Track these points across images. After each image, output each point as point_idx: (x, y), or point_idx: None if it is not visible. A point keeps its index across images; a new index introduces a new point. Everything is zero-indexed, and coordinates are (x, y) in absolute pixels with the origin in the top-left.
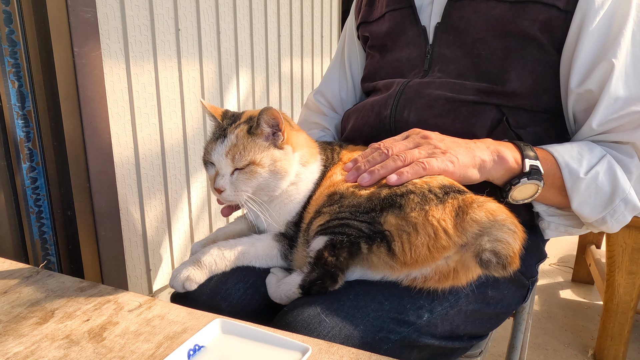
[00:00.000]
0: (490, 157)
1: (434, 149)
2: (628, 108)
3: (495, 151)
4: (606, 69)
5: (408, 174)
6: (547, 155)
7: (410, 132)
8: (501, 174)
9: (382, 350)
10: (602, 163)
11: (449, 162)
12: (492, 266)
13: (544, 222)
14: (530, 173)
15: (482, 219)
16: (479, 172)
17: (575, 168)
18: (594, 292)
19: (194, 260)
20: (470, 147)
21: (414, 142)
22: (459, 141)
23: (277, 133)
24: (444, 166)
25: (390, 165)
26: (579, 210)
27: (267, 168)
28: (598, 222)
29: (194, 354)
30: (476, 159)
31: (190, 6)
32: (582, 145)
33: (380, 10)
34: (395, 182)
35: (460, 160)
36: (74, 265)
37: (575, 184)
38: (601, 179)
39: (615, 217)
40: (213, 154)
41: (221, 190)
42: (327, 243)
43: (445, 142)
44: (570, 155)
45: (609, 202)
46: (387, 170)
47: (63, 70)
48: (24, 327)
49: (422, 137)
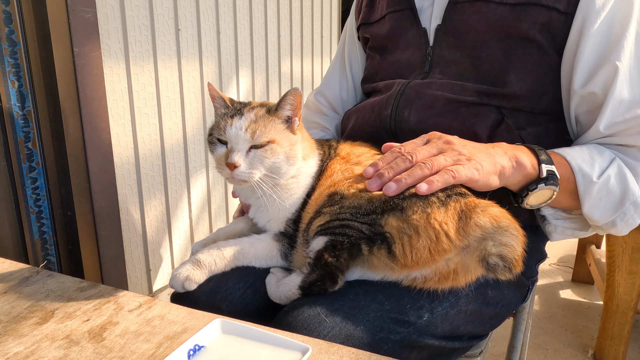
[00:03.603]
0: (509, 164)
1: (459, 155)
2: (633, 111)
3: (514, 157)
4: (610, 71)
5: (438, 182)
6: (561, 159)
7: (431, 136)
8: (519, 180)
9: (383, 350)
10: (613, 166)
11: (475, 170)
12: (498, 270)
13: (550, 225)
14: (548, 178)
15: (486, 225)
16: (499, 179)
17: (588, 172)
18: (594, 292)
19: (193, 261)
20: (491, 153)
21: (438, 147)
22: (479, 147)
23: (291, 119)
24: (470, 174)
25: (418, 173)
26: (590, 214)
27: (284, 149)
28: (607, 226)
29: (194, 354)
30: (497, 165)
31: (190, 6)
32: (592, 148)
33: (381, 11)
34: (425, 191)
35: (484, 167)
36: (74, 265)
37: (588, 188)
38: (612, 182)
39: (625, 220)
40: (229, 128)
41: (235, 166)
42: (327, 244)
43: (467, 147)
44: (582, 159)
45: (620, 205)
46: (415, 179)
47: (63, 70)
48: (24, 327)
49: (445, 143)
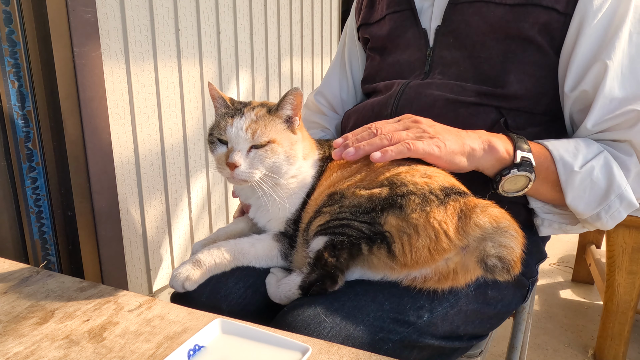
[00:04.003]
0: (480, 146)
1: (423, 132)
2: (624, 107)
3: (487, 141)
4: (599, 69)
5: (392, 152)
6: (541, 149)
7: (403, 117)
8: (491, 164)
9: (382, 350)
10: (599, 158)
11: (435, 147)
12: (497, 271)
13: (538, 218)
14: (522, 164)
15: (486, 225)
16: (467, 160)
17: (569, 161)
18: (594, 292)
19: (193, 260)
20: (461, 135)
21: (404, 125)
22: (449, 129)
23: (291, 118)
24: (429, 149)
25: (376, 142)
26: (574, 205)
27: (285, 149)
28: (592, 218)
29: (194, 354)
30: (465, 146)
31: (190, 6)
32: (580, 140)
33: (381, 12)
34: (378, 159)
35: (447, 146)
36: (74, 265)
37: (570, 177)
38: (596, 173)
39: (610, 213)
40: (229, 128)
41: (236, 166)
42: (327, 243)
43: (435, 127)
44: (565, 149)
45: (604, 197)
46: (372, 147)
47: (63, 70)
48: (24, 327)
49: (413, 122)
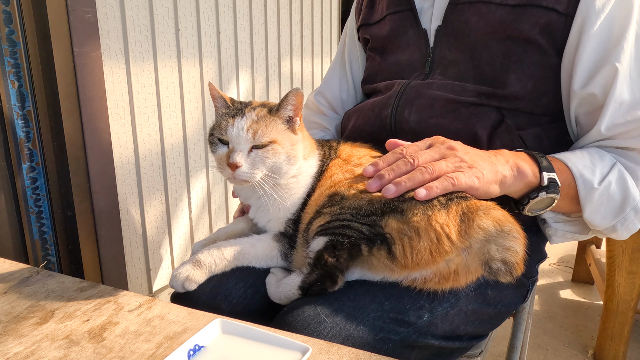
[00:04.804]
0: (510, 173)
1: (461, 162)
2: (633, 113)
3: (515, 165)
4: (610, 73)
5: (437, 189)
6: (561, 165)
7: (434, 141)
8: (520, 189)
9: (383, 350)
10: (614, 172)
11: (475, 178)
12: (500, 274)
13: (550, 228)
14: (549, 186)
15: (489, 227)
16: (499, 188)
17: (589, 178)
18: (594, 292)
19: (193, 261)
20: (492, 162)
21: (440, 152)
22: (481, 154)
23: (292, 119)
24: (470, 182)
25: (418, 177)
26: (590, 219)
27: (286, 149)
28: (608, 230)
29: (194, 354)
30: (498, 174)
31: (190, 6)
32: (593, 153)
33: (381, 12)
34: (424, 197)
35: (485, 175)
36: (74, 265)
37: (589, 194)
38: (613, 188)
39: (626, 225)
40: (230, 128)
41: (237, 166)
42: (327, 244)
43: (470, 154)
44: (583, 165)
45: (620, 210)
46: (414, 183)
47: (63, 70)
48: (24, 327)
49: (448, 148)
